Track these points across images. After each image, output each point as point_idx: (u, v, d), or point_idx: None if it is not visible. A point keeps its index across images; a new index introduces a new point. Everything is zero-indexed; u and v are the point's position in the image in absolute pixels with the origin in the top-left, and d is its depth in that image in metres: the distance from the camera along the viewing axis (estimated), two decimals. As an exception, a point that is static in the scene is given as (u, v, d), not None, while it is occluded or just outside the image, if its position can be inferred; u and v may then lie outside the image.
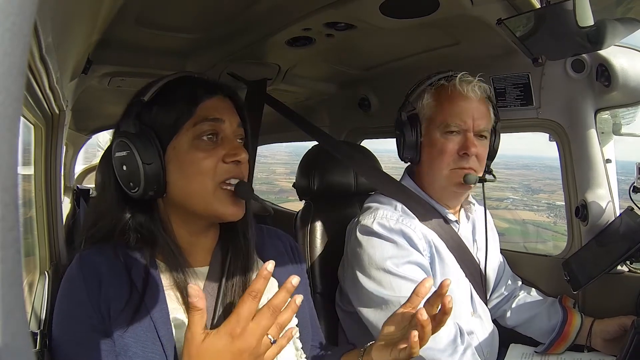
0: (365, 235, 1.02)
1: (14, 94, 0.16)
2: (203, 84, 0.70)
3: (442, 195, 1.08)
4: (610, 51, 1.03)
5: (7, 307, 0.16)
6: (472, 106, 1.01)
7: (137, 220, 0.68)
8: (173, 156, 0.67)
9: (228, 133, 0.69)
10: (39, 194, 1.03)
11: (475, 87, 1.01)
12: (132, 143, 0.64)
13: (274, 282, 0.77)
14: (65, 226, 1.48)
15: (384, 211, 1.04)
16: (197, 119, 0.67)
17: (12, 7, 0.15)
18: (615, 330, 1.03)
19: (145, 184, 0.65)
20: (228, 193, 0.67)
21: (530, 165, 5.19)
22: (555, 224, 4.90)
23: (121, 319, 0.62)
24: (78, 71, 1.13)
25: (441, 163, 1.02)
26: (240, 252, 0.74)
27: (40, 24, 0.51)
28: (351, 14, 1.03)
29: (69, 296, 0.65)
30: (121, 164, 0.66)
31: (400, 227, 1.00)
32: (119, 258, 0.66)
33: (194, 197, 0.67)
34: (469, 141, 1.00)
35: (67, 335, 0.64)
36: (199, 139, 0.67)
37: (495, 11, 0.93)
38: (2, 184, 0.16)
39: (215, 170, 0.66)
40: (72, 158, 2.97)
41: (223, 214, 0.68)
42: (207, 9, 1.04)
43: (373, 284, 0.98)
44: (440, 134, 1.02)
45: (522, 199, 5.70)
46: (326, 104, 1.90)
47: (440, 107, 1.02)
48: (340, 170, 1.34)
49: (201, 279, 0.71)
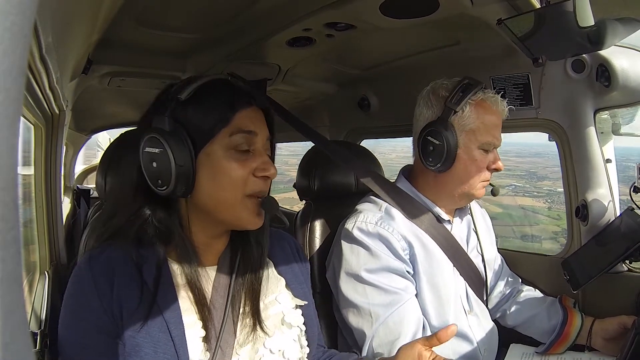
0: (346, 241, 1.05)
1: (14, 94, 0.16)
2: (240, 92, 0.70)
3: (454, 201, 1.09)
4: (611, 51, 1.03)
5: (7, 307, 0.15)
6: (501, 124, 1.06)
7: (157, 215, 0.68)
8: (206, 162, 0.66)
9: (259, 146, 0.69)
10: (39, 194, 1.03)
11: (505, 106, 1.05)
12: (166, 141, 0.63)
13: (281, 280, 0.79)
14: (65, 226, 1.48)
15: (365, 215, 1.06)
16: (232, 128, 0.66)
17: (12, 7, 0.15)
18: (616, 330, 1.03)
19: (175, 184, 0.64)
20: (255, 205, 0.68)
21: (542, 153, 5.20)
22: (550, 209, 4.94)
23: (134, 319, 0.62)
24: (78, 71, 1.13)
25: (477, 177, 1.04)
26: (251, 256, 0.74)
27: (40, 24, 0.51)
28: (351, 14, 1.03)
29: (77, 296, 0.64)
30: (151, 160, 0.65)
31: (377, 230, 1.02)
32: (130, 257, 0.65)
33: (222, 205, 0.67)
34: (498, 157, 1.06)
35: (75, 336, 0.63)
36: (234, 149, 0.67)
37: (495, 11, 0.93)
38: (2, 184, 0.16)
39: (246, 182, 0.67)
40: (72, 158, 2.96)
41: (247, 224, 0.69)
42: (207, 9, 1.04)
43: (349, 290, 1.02)
44: (478, 149, 1.03)
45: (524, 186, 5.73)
46: (326, 104, 1.90)
47: (482, 123, 1.02)
48: (340, 170, 1.34)
49: (211, 278, 0.71)
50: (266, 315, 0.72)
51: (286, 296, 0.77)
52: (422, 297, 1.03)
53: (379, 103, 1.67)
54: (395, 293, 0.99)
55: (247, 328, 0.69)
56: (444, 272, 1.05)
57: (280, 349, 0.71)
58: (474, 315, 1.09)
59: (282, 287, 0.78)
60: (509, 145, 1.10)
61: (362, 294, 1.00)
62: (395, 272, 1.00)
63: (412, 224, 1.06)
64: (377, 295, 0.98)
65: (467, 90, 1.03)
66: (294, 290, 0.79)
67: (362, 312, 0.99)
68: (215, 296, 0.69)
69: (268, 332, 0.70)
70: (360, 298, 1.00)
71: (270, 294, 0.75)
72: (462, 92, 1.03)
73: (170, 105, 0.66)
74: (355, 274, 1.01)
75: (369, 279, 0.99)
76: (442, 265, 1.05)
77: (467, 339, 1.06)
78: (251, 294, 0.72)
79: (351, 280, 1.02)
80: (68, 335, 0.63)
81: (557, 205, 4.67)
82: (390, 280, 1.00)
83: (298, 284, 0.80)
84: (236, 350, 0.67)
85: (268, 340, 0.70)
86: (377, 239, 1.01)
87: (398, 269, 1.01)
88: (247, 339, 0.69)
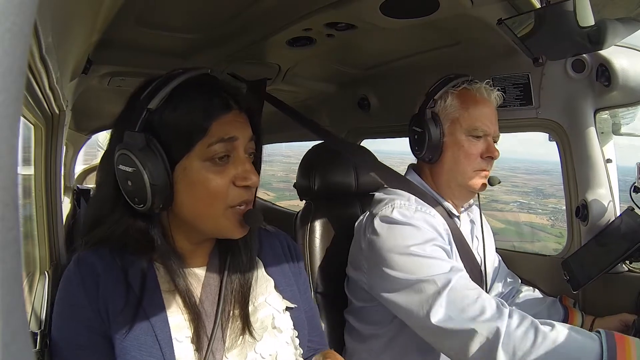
0: (386, 224, 1.00)
1: (14, 94, 0.16)
2: (217, 94, 0.65)
3: (454, 193, 1.10)
4: (611, 51, 1.03)
5: (7, 307, 0.15)
6: (493, 112, 1.07)
7: (136, 227, 0.66)
8: (182, 176, 0.63)
9: (240, 151, 0.66)
10: (39, 194, 1.03)
11: (496, 95, 1.06)
12: (139, 160, 0.60)
13: (270, 281, 0.77)
14: (65, 226, 1.48)
15: (400, 201, 1.04)
16: (211, 138, 0.62)
17: (12, 7, 0.15)
18: (618, 327, 1.03)
19: (152, 201, 0.62)
20: (237, 216, 0.66)
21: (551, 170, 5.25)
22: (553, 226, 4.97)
23: (119, 322, 0.61)
24: (78, 71, 1.13)
25: (467, 165, 1.05)
26: (239, 258, 0.72)
27: (40, 24, 0.51)
28: (351, 14, 1.03)
29: (67, 298, 0.64)
30: (126, 179, 0.62)
31: (420, 214, 1.01)
32: (115, 261, 0.65)
33: (202, 217, 0.65)
34: (491, 146, 1.06)
35: (66, 337, 0.63)
36: (211, 160, 0.63)
37: (495, 11, 0.93)
38: (2, 183, 0.16)
39: (226, 193, 0.64)
40: (72, 158, 2.97)
41: (230, 235, 0.67)
42: (207, 9, 1.04)
43: (399, 272, 0.94)
44: (466, 137, 1.05)
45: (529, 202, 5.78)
46: (326, 103, 1.90)
47: (466, 110, 1.05)
48: (340, 170, 1.34)
49: (199, 279, 0.70)
50: (255, 318, 0.71)
51: (276, 298, 0.75)
52: None
53: (379, 103, 1.67)
54: (450, 262, 0.95)
55: (235, 332, 0.68)
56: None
57: (271, 354, 0.69)
58: None
59: (272, 288, 0.76)
60: (518, 162, 1.11)
61: (419, 268, 0.92)
62: (443, 249, 0.98)
63: (438, 214, 1.06)
64: (435, 264, 0.92)
65: (448, 82, 1.08)
66: (284, 292, 0.77)
67: (421, 285, 0.91)
68: (205, 298, 0.68)
69: (256, 337, 0.69)
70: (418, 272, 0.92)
71: (259, 296, 0.73)
72: (443, 84, 1.08)
73: (141, 116, 0.62)
74: (405, 253, 0.95)
75: (422, 254, 0.94)
76: (458, 260, 1.06)
77: None
78: (240, 297, 0.70)
79: (401, 259, 0.95)
80: (61, 336, 0.63)
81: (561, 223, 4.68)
82: (441, 254, 0.96)
83: (287, 285, 0.78)
84: (225, 354, 0.66)
85: (258, 344, 0.69)
86: (421, 220, 0.99)
87: (445, 248, 0.98)
88: (235, 343, 0.67)
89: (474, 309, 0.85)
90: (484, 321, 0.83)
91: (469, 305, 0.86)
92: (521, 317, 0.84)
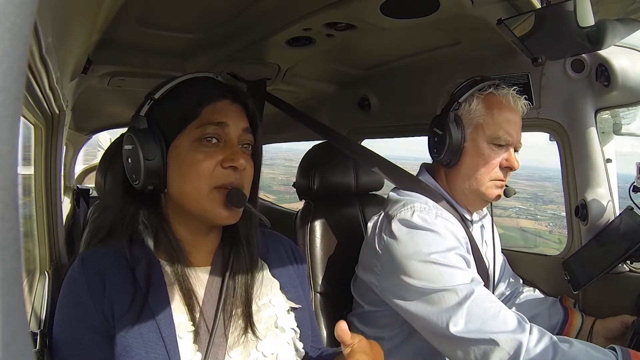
0: (406, 227, 0.97)
1: (14, 94, 0.16)
2: (213, 86, 0.70)
3: (468, 200, 1.07)
4: (610, 51, 1.03)
5: (7, 307, 0.15)
6: (517, 121, 1.03)
7: (143, 213, 0.69)
8: (174, 155, 0.67)
9: (232, 137, 0.68)
10: (39, 194, 1.03)
11: (523, 103, 1.03)
12: (137, 138, 0.66)
13: (275, 283, 0.78)
14: (65, 226, 1.48)
15: (420, 204, 1.01)
16: (202, 121, 0.67)
17: (12, 7, 0.15)
18: (618, 328, 1.03)
19: (145, 178, 0.66)
20: (221, 198, 0.67)
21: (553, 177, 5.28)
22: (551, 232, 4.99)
23: (125, 320, 0.62)
24: (78, 71, 1.13)
25: (485, 174, 1.02)
26: (242, 257, 0.73)
27: (40, 24, 0.51)
28: (351, 14, 1.03)
29: (70, 297, 0.64)
30: (127, 157, 0.68)
31: (441, 220, 0.98)
32: (122, 256, 0.66)
33: (188, 198, 0.67)
34: (513, 156, 1.02)
35: (68, 336, 0.63)
36: (201, 141, 0.66)
37: (495, 11, 0.93)
38: (2, 184, 0.16)
39: (212, 174, 0.66)
40: (72, 158, 2.97)
41: (216, 217, 0.68)
42: (207, 9, 1.04)
43: (419, 280, 0.91)
44: (488, 144, 1.01)
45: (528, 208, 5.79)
46: (326, 104, 1.90)
47: (491, 116, 1.01)
48: (340, 170, 1.34)
49: (203, 279, 0.71)
50: (259, 318, 0.72)
51: (280, 299, 0.76)
52: None
53: (379, 103, 1.67)
54: (471, 273, 0.93)
55: (238, 330, 0.69)
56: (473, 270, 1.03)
57: (273, 353, 0.70)
58: None
59: (277, 289, 0.77)
60: (520, 169, 1.08)
61: (440, 277, 0.90)
62: (464, 258, 0.96)
63: (457, 221, 1.04)
64: (457, 274, 0.90)
65: (474, 85, 1.04)
66: (288, 293, 0.78)
67: (442, 294, 0.88)
68: (207, 297, 0.69)
69: (259, 336, 0.70)
70: (439, 281, 0.90)
71: (264, 297, 0.74)
72: (469, 86, 1.04)
73: (147, 105, 0.69)
74: (427, 261, 0.92)
75: (444, 262, 0.91)
76: (472, 265, 1.03)
77: None
78: (243, 296, 0.71)
79: (422, 267, 0.92)
80: (62, 336, 0.64)
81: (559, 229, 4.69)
82: (462, 263, 0.94)
83: (292, 287, 0.79)
84: (228, 352, 0.67)
85: (260, 343, 0.70)
86: (442, 227, 0.97)
87: (465, 257, 0.96)
88: (238, 341, 0.68)
89: (496, 322, 0.83)
90: (506, 335, 0.81)
91: (492, 317, 0.84)
92: (541, 333, 0.83)
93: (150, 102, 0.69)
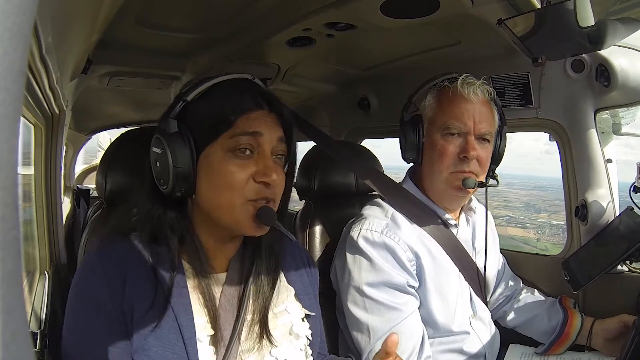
0: (350, 251, 1.03)
1: (14, 94, 0.16)
2: (249, 93, 0.68)
3: (441, 197, 1.07)
4: (610, 51, 1.03)
5: (7, 307, 0.15)
6: (473, 108, 0.99)
7: (169, 215, 0.68)
8: (205, 164, 0.65)
9: (265, 148, 0.66)
10: (39, 194, 1.03)
11: (478, 90, 1.00)
12: (167, 143, 0.64)
13: (291, 290, 0.78)
14: (65, 226, 1.48)
15: (371, 221, 1.03)
16: (235, 130, 0.65)
17: (12, 7, 0.15)
18: (617, 329, 1.03)
19: (173, 184, 0.65)
20: (253, 211, 0.66)
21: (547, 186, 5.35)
22: (539, 240, 5.04)
23: (146, 319, 0.61)
24: (78, 71, 1.13)
25: (441, 165, 1.01)
26: (263, 265, 0.73)
27: (40, 24, 0.51)
28: (351, 14, 1.03)
29: (86, 291, 0.62)
30: (155, 161, 0.67)
31: (383, 239, 1.00)
32: (144, 255, 0.64)
33: (220, 208, 0.66)
34: (469, 144, 0.98)
35: (82, 331, 0.62)
36: (234, 152, 0.65)
37: (495, 11, 0.93)
38: (2, 184, 0.16)
39: (245, 187, 0.65)
40: (72, 158, 2.96)
41: (245, 229, 0.67)
42: (207, 9, 1.04)
43: (350, 302, 1.01)
44: (441, 136, 1.01)
45: (519, 217, 5.83)
46: (326, 104, 1.90)
47: (441, 109, 1.01)
48: (340, 171, 1.34)
49: (220, 283, 0.70)
50: (275, 324, 0.72)
51: (295, 306, 0.77)
52: (430, 305, 1.01)
53: (379, 103, 1.67)
54: (395, 309, 0.97)
55: (253, 336, 0.69)
56: (450, 278, 1.04)
57: (286, 358, 0.71)
58: (478, 319, 1.09)
59: (292, 297, 0.77)
60: (514, 178, 1.07)
61: (362, 308, 0.99)
62: (397, 287, 0.99)
63: (418, 229, 1.04)
64: (377, 310, 0.98)
65: (428, 82, 1.06)
66: (303, 301, 0.78)
67: (361, 325, 0.99)
68: (224, 301, 0.69)
69: (274, 342, 0.70)
70: (360, 312, 0.99)
71: (280, 304, 0.75)
72: (424, 84, 1.07)
73: (178, 107, 0.66)
74: (357, 287, 1.00)
75: (369, 294, 0.98)
76: (449, 271, 1.05)
77: (472, 343, 1.05)
78: (260, 303, 0.71)
79: (352, 292, 1.01)
80: (75, 330, 0.62)
81: (547, 237, 4.74)
82: (390, 295, 0.98)
83: (306, 294, 0.80)
84: (241, 356, 0.67)
85: (274, 349, 0.70)
86: (382, 249, 0.99)
87: (399, 284, 0.99)
88: (253, 347, 0.68)
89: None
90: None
91: None
92: None
93: (182, 104, 0.66)
